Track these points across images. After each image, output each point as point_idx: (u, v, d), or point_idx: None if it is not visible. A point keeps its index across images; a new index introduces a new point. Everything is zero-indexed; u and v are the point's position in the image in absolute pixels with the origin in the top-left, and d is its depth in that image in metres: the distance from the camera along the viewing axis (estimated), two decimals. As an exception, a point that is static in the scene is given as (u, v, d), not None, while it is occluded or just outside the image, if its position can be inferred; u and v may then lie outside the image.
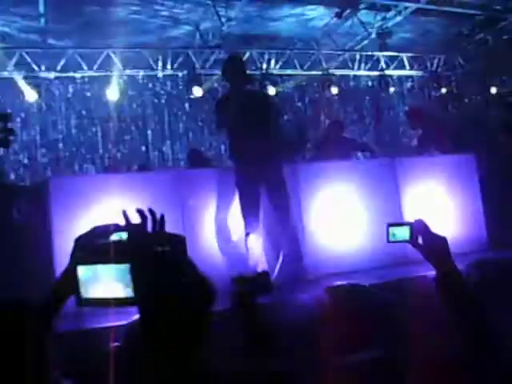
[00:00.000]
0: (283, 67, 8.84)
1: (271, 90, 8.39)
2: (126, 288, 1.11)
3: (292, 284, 4.26)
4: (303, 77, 9.38)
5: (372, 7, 7.83)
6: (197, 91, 8.22)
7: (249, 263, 4.34)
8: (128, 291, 1.11)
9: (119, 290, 1.12)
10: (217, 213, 4.65)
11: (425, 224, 1.61)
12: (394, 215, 5.00)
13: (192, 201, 4.53)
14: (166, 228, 1.24)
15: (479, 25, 8.60)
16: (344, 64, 9.22)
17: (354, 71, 9.45)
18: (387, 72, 9.48)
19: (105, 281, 1.13)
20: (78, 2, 6.63)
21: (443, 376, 1.37)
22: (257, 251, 4.37)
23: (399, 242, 1.68)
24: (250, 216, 4.40)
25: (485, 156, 5.86)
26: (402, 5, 7.66)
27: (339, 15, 7.66)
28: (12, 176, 8.02)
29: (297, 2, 7.46)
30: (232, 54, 5.69)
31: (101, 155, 8.83)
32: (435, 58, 9.99)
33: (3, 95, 7.65)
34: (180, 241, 1.19)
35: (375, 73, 9.54)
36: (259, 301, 2.04)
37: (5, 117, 4.52)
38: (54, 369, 1.36)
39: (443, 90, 10.07)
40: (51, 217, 4.02)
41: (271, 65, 8.69)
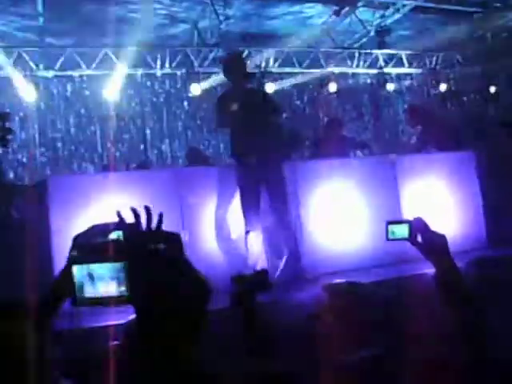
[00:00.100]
0: (282, 65, 8.84)
1: (270, 88, 8.38)
2: (121, 286, 1.11)
3: (291, 283, 4.26)
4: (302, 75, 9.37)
5: (370, 5, 7.82)
6: (195, 89, 8.21)
7: (248, 261, 4.35)
8: (122, 289, 1.11)
9: (114, 289, 1.11)
10: (216, 210, 4.65)
11: (424, 222, 1.61)
12: (393, 213, 4.99)
13: (191, 199, 4.53)
14: (165, 226, 1.24)
15: (478, 22, 8.59)
16: (343, 62, 9.21)
17: (353, 69, 9.44)
18: (386, 70, 9.47)
19: (99, 280, 1.12)
20: (76, 1, 6.62)
21: (443, 375, 1.37)
22: (256, 249, 4.37)
23: (398, 240, 1.67)
24: (250, 214, 4.41)
25: (484, 154, 5.86)
26: (401, 2, 7.67)
27: (337, 13, 7.64)
28: (11, 175, 8.00)
29: (295, 0, 7.45)
30: (233, 52, 5.67)
31: (100, 154, 8.82)
32: (434, 56, 9.98)
33: (1, 94, 7.62)
34: (176, 239, 1.18)
35: (374, 70, 9.53)
36: (258, 300, 2.04)
37: (3, 116, 4.52)
38: (54, 369, 1.36)
39: (442, 88, 10.06)
40: (50, 216, 4.03)
41: (270, 63, 8.68)
